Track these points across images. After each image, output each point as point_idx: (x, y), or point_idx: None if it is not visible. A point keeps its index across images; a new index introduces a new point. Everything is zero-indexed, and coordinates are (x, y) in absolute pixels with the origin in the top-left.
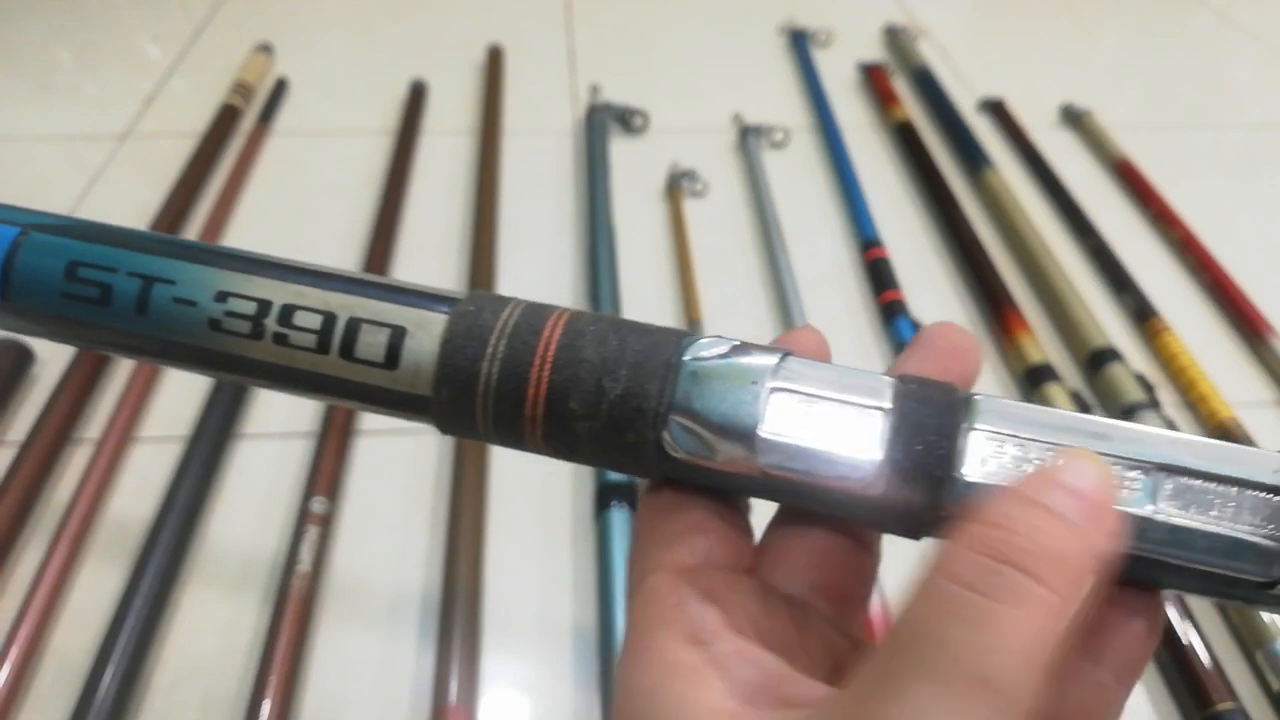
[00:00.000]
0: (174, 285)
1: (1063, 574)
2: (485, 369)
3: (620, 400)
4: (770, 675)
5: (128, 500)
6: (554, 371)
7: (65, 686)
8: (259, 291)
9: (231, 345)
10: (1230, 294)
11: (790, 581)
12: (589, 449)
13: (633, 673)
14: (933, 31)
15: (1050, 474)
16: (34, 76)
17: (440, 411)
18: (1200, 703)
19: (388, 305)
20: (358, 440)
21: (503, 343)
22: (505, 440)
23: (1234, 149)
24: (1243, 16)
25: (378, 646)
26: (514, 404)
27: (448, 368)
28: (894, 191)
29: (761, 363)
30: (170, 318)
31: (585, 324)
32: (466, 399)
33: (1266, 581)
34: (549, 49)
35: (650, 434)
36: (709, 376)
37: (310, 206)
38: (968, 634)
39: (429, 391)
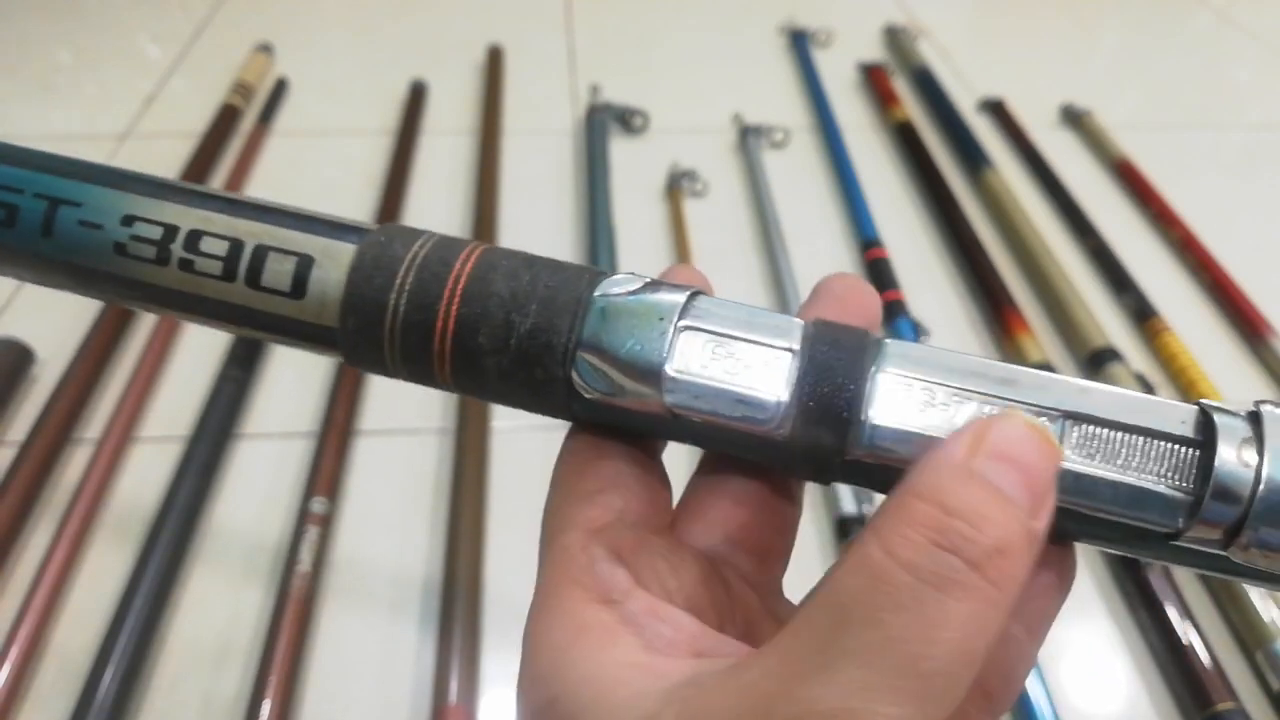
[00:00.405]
0: (80, 208)
1: (1008, 568)
2: (393, 300)
3: (529, 335)
4: (683, 631)
5: (128, 500)
6: (463, 305)
7: (66, 686)
8: (166, 216)
9: (137, 271)
10: (1230, 294)
11: (708, 537)
12: (498, 387)
13: (541, 631)
14: (933, 31)
15: (991, 441)
16: (34, 77)
17: (347, 344)
18: (1200, 703)
19: (297, 234)
20: (358, 440)
21: (411, 274)
22: (414, 376)
23: (1234, 149)
24: (1243, 16)
25: (378, 646)
26: (422, 337)
27: (354, 298)
28: (894, 191)
29: (670, 299)
30: (76, 241)
31: (498, 258)
32: (373, 331)
33: (1172, 532)
34: (549, 49)
35: (559, 371)
36: (618, 313)
37: (311, 206)
38: (907, 622)
39: (335, 323)
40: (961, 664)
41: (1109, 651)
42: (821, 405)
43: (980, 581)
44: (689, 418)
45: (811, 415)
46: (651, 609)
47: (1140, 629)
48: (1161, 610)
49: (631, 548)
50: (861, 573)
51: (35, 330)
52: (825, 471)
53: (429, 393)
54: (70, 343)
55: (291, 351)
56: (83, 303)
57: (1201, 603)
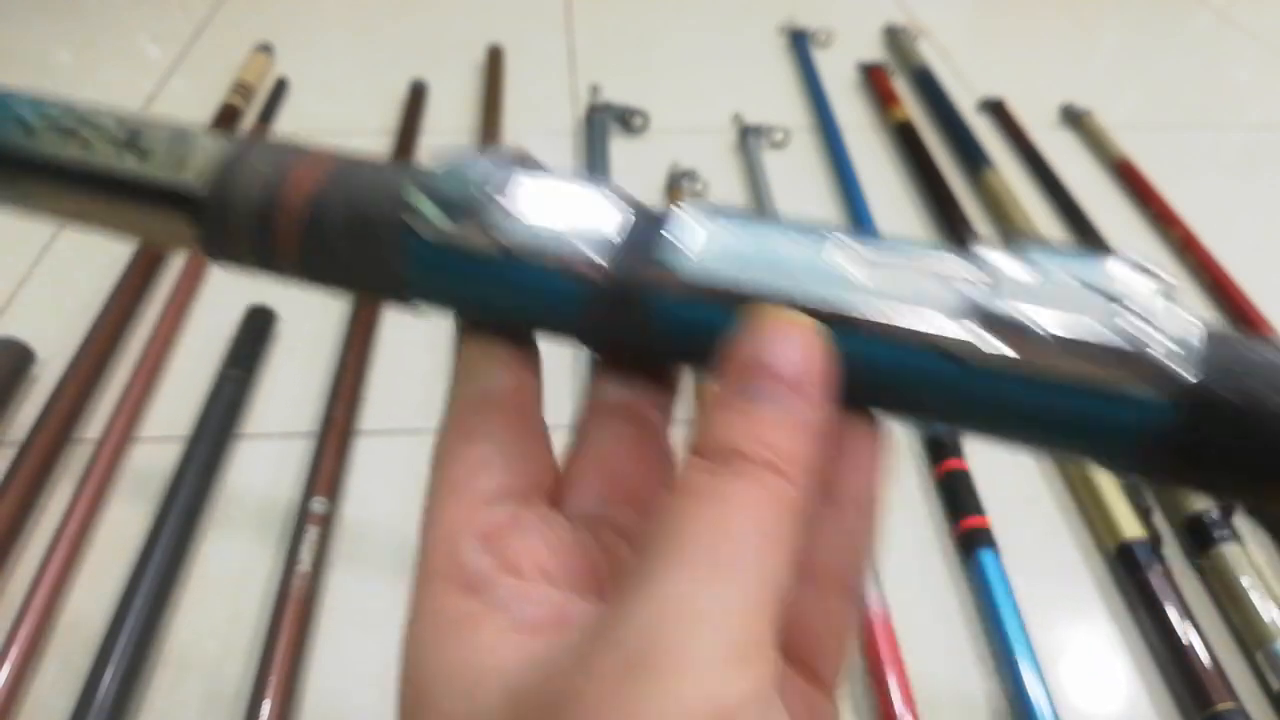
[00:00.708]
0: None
1: (789, 453)
2: (249, 168)
3: (370, 183)
4: (555, 607)
5: (127, 500)
6: (319, 178)
7: (66, 686)
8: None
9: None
10: (1230, 294)
11: (584, 500)
12: (339, 247)
13: (412, 628)
14: (933, 31)
15: (763, 363)
16: (34, 76)
17: (210, 208)
18: (1200, 703)
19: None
20: (358, 440)
21: (268, 154)
22: (260, 238)
23: (1234, 149)
24: (1243, 16)
25: (378, 646)
26: (274, 199)
27: (226, 163)
28: (894, 191)
29: (505, 152)
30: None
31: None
32: (232, 196)
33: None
34: (549, 49)
35: (396, 213)
36: (456, 163)
37: None
38: (707, 513)
39: (197, 183)
40: (772, 549)
41: (1109, 652)
42: (640, 242)
43: (762, 471)
44: (522, 257)
45: (634, 248)
46: (520, 592)
47: (1140, 629)
48: (1161, 610)
49: (503, 529)
50: (674, 488)
51: (35, 330)
52: (645, 331)
53: (429, 393)
54: (70, 343)
55: (292, 351)
56: (83, 303)
57: (1201, 603)
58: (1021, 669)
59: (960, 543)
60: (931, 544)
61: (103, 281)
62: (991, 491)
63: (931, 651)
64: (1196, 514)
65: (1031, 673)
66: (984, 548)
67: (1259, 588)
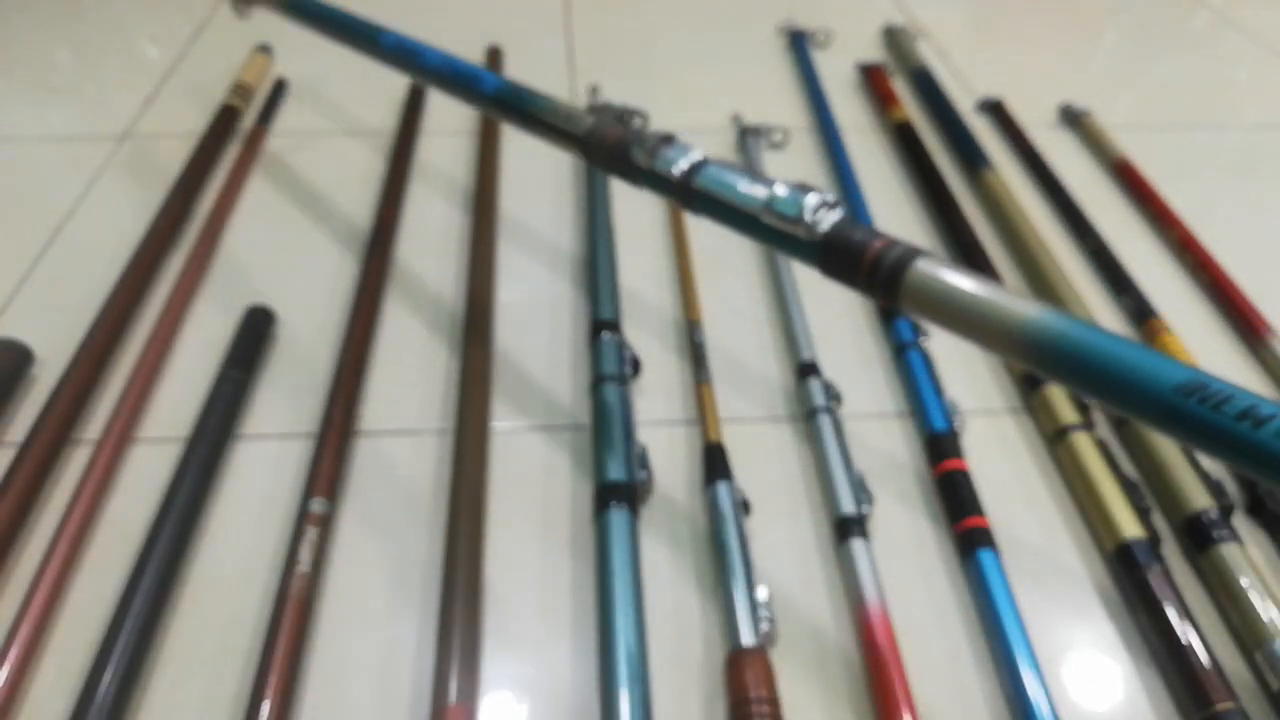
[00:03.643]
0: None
1: None
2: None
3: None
4: None
5: (127, 501)
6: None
7: (65, 686)
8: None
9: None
10: (1229, 294)
11: None
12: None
13: None
14: (931, 32)
15: None
16: (33, 77)
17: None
18: (1199, 703)
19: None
20: (357, 441)
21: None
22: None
23: (1233, 149)
24: (1241, 17)
25: (377, 646)
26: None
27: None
28: (893, 191)
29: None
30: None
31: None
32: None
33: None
34: (548, 49)
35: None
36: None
37: (310, 207)
38: None
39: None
40: None
41: (1108, 651)
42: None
43: None
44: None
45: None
46: None
47: (1139, 629)
48: (1160, 610)
49: None
50: None
51: (34, 331)
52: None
53: (429, 393)
54: (69, 343)
55: (291, 351)
56: (82, 304)
57: (1200, 603)
58: (1021, 668)
59: (959, 543)
60: (931, 544)
61: (102, 282)
62: (990, 492)
63: (931, 651)
64: (1195, 514)
65: (1030, 672)
66: (983, 548)
67: (1258, 588)
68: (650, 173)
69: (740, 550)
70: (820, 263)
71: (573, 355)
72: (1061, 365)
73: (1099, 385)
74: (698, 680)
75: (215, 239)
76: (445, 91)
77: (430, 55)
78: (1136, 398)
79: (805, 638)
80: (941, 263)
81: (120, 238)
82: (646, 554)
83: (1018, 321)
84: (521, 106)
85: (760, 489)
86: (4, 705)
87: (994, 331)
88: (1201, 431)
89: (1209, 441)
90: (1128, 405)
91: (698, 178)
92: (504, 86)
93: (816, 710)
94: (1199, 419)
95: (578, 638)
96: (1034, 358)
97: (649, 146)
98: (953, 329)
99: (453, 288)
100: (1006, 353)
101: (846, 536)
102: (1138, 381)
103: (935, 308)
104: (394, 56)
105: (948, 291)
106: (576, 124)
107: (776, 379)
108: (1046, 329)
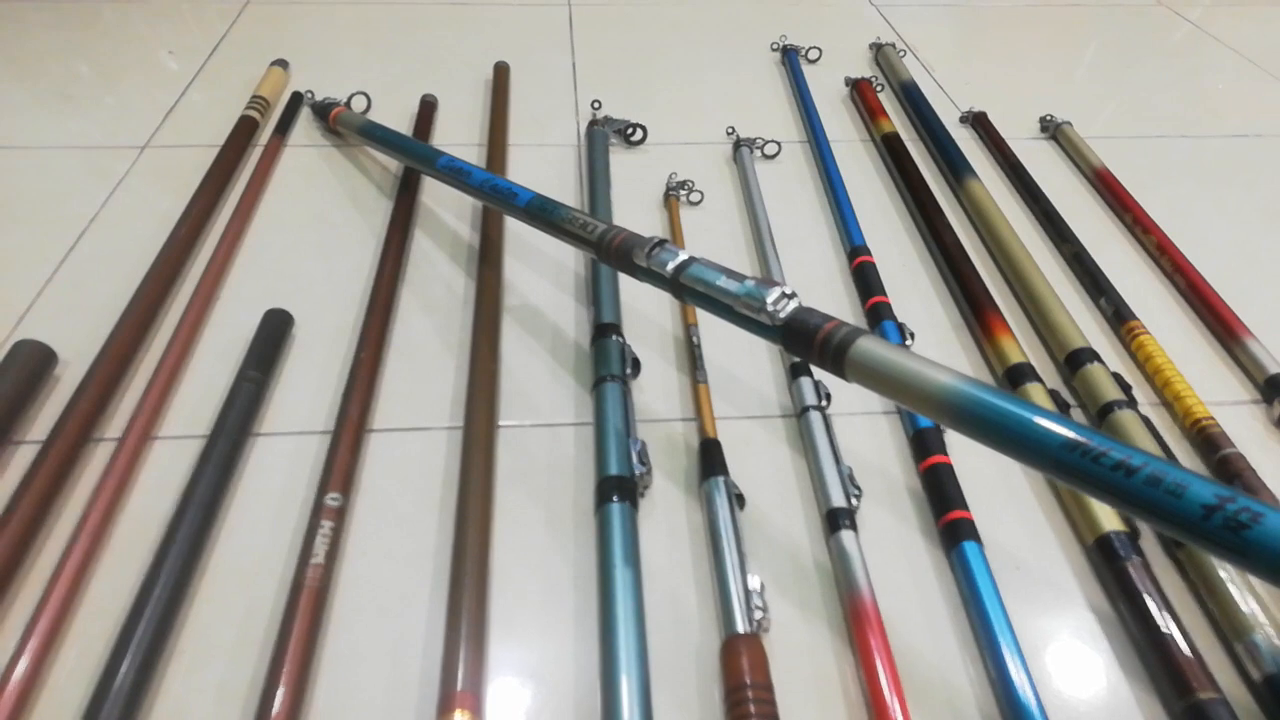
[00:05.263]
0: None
1: None
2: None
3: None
4: None
5: (147, 496)
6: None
7: (84, 674)
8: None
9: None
10: (1205, 297)
11: None
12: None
13: None
14: (918, 48)
15: None
16: (55, 88)
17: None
18: (1180, 691)
19: None
20: (370, 437)
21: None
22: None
23: (1208, 157)
24: (1219, 28)
25: (388, 635)
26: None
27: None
28: (881, 200)
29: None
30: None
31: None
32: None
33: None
34: (553, 66)
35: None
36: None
37: (326, 215)
38: None
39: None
40: None
41: (1090, 641)
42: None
43: None
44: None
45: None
46: None
47: (1120, 619)
48: (1140, 601)
49: None
50: None
51: (58, 332)
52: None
53: (439, 392)
54: (92, 344)
55: (308, 352)
56: (104, 307)
57: (1181, 596)
58: (1005, 657)
59: (944, 535)
60: (917, 536)
61: (124, 286)
62: (974, 486)
63: (918, 640)
64: None
65: (1015, 660)
66: (967, 540)
67: (1237, 580)
68: (648, 270)
69: (735, 541)
70: (782, 341)
71: (575, 356)
72: (973, 425)
73: (1001, 441)
74: (694, 666)
75: (234, 245)
76: (487, 202)
77: (476, 174)
78: (1031, 452)
79: (797, 625)
80: (879, 341)
81: (141, 243)
82: (645, 545)
83: (937, 389)
84: (548, 216)
85: (754, 483)
86: (26, 691)
87: (918, 397)
88: (1085, 480)
89: (1091, 488)
90: (1024, 458)
91: (685, 274)
92: (535, 200)
93: (808, 695)
94: (1082, 470)
95: (579, 625)
96: (950, 418)
97: (646, 250)
98: (887, 395)
99: (462, 292)
100: (929, 413)
101: (837, 528)
102: (1033, 439)
103: (873, 378)
104: (446, 174)
105: (883, 364)
106: (591, 231)
107: (769, 378)
108: (960, 395)
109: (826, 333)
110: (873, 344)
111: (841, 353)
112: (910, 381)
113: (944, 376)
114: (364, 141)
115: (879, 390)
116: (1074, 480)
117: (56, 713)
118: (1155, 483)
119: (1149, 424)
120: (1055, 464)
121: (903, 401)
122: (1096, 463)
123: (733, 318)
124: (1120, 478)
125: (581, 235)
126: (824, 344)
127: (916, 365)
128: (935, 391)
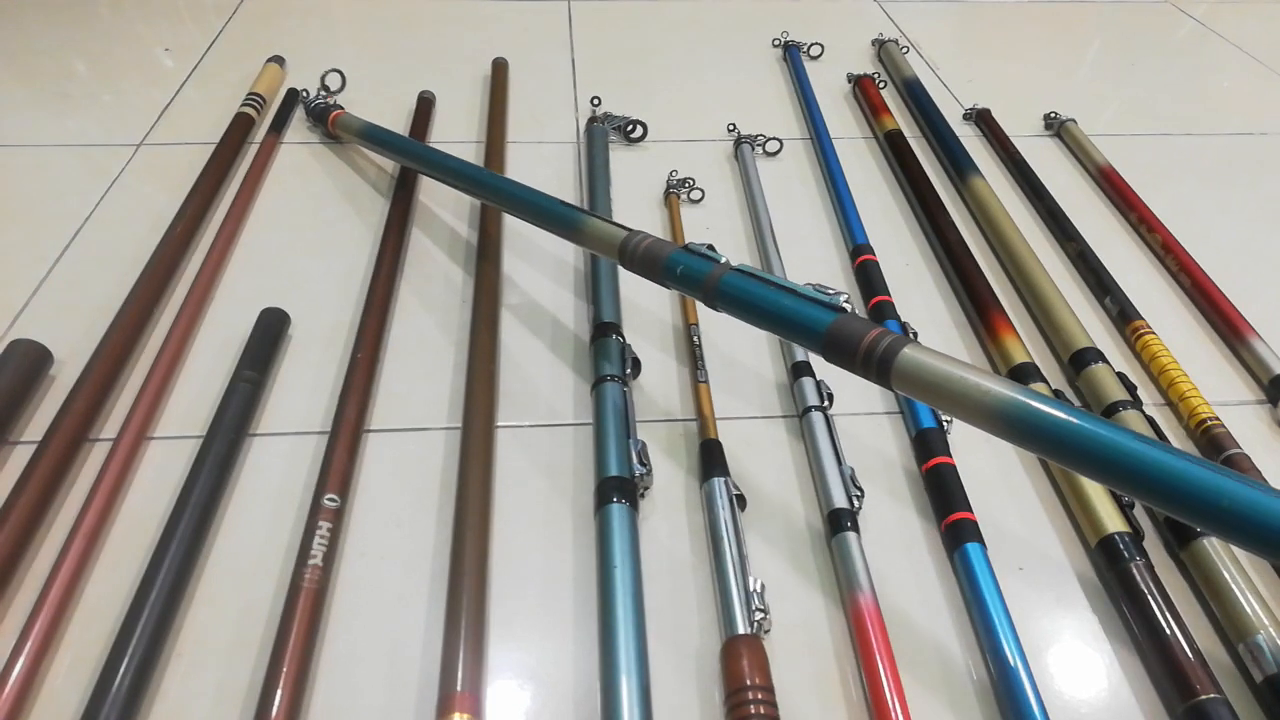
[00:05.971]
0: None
1: None
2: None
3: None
4: None
5: (143, 496)
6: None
7: (81, 676)
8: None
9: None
10: (1210, 296)
11: None
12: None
13: None
14: (921, 44)
15: None
16: (51, 86)
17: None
18: (1183, 692)
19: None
20: (368, 438)
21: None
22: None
23: (1214, 155)
24: (1224, 26)
25: (387, 636)
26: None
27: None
28: (883, 198)
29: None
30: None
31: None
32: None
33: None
34: (552, 62)
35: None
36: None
37: (323, 213)
38: None
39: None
40: None
41: (1093, 642)
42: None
43: None
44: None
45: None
46: None
47: (1123, 620)
48: (1143, 601)
49: None
50: None
51: (53, 331)
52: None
53: (438, 392)
54: (87, 343)
55: (304, 352)
56: (100, 306)
57: (1184, 596)
58: (1008, 658)
59: (947, 536)
60: (919, 537)
61: (119, 285)
62: (977, 487)
63: (920, 640)
64: None
65: (1017, 661)
66: (970, 541)
67: (1240, 581)
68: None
69: (736, 542)
70: (822, 351)
71: (575, 356)
72: (1022, 434)
73: (1056, 452)
74: (695, 667)
75: (230, 243)
76: (510, 212)
77: (498, 183)
78: (1093, 463)
79: (798, 626)
80: (927, 351)
81: (137, 242)
82: (646, 546)
83: (994, 400)
84: (574, 225)
85: (755, 484)
86: (21, 694)
87: (972, 409)
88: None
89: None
90: (1078, 466)
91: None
92: (565, 211)
93: (810, 697)
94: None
95: (579, 627)
96: (999, 427)
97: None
98: (937, 406)
99: (460, 290)
100: (984, 425)
101: (838, 529)
102: (1099, 449)
103: (923, 389)
104: (459, 180)
105: (934, 375)
106: (615, 237)
107: (771, 378)
108: (1009, 404)
109: (870, 342)
110: (921, 354)
111: (887, 364)
112: (964, 393)
113: (999, 387)
114: (367, 146)
115: (929, 402)
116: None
117: (54, 716)
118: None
119: (1154, 424)
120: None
121: (954, 413)
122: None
123: (776, 327)
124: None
125: (607, 240)
126: (867, 355)
127: (969, 376)
128: (992, 403)
